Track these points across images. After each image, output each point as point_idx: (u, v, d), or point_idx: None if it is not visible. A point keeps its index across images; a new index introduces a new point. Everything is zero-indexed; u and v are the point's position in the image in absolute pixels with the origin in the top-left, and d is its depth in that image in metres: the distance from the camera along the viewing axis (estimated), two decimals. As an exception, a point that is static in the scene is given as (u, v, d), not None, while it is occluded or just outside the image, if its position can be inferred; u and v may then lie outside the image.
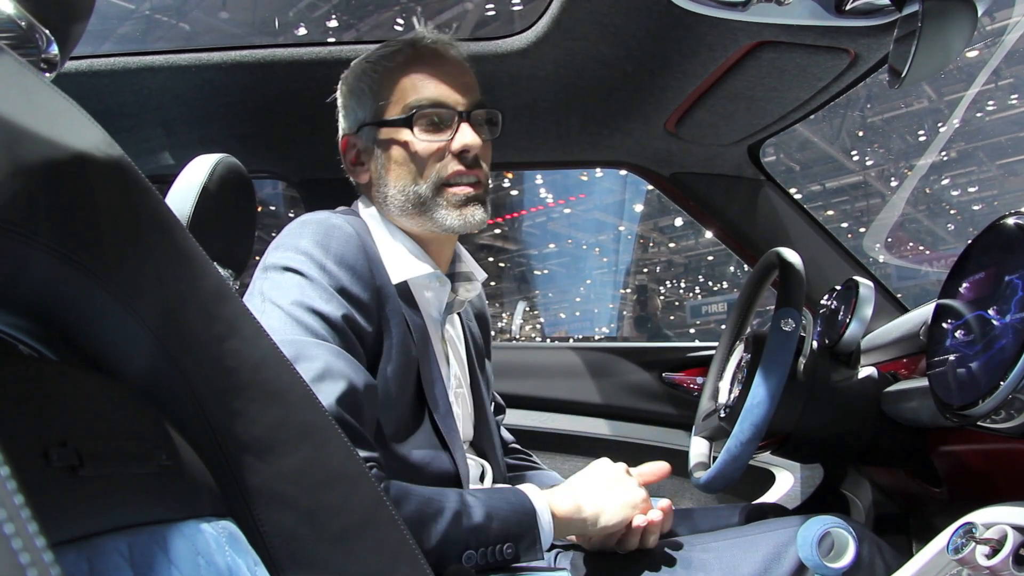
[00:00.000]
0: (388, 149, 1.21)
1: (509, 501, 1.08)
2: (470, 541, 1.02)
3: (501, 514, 1.06)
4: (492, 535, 1.04)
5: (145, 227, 0.55)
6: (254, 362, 0.61)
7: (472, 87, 1.23)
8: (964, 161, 19.99)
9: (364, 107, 1.23)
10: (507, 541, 1.05)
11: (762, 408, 1.19)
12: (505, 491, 1.12)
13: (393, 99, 1.21)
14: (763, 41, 1.43)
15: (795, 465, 2.09)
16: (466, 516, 1.02)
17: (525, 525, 1.07)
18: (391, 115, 1.20)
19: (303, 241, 1.09)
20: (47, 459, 0.40)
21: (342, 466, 0.67)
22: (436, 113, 1.19)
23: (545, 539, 1.08)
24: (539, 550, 1.07)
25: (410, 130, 1.19)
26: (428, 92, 1.19)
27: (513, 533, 1.05)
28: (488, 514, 1.04)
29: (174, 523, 0.50)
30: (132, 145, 1.93)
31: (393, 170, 1.21)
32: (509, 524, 1.05)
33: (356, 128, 1.25)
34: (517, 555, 1.05)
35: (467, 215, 1.19)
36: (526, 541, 1.06)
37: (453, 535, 1.00)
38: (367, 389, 1.02)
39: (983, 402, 0.94)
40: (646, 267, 25.45)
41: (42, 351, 0.51)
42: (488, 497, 1.08)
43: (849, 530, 1.06)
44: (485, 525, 1.03)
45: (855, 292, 1.39)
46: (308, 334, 1.00)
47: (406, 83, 1.20)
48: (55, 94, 0.52)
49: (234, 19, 15.31)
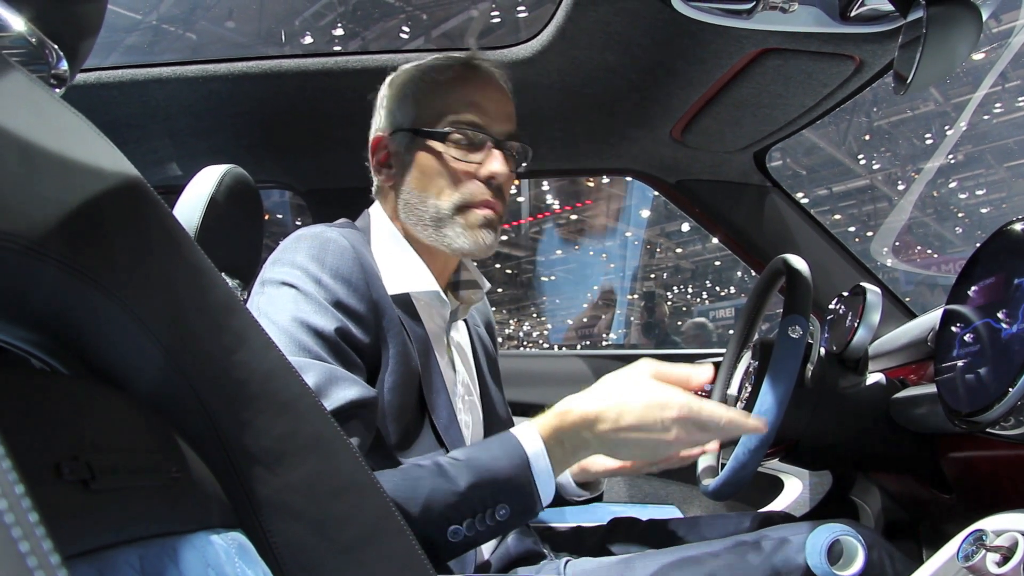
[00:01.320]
0: (418, 159, 1.21)
1: (495, 456, 0.98)
2: (452, 516, 0.94)
3: (488, 475, 0.96)
4: (479, 502, 0.95)
5: (154, 240, 0.55)
6: (263, 373, 0.61)
7: (511, 117, 1.23)
8: (971, 164, 19.92)
9: (405, 112, 1.24)
10: (498, 503, 0.96)
11: (770, 415, 1.18)
12: (493, 442, 1.02)
13: (434, 111, 1.21)
14: (768, 48, 1.43)
15: (804, 472, 2.08)
16: (445, 489, 0.94)
17: (519, 479, 0.97)
18: (429, 126, 1.20)
19: (299, 256, 1.10)
20: (59, 473, 0.40)
21: (351, 476, 0.67)
22: (472, 135, 1.19)
23: (544, 489, 0.98)
24: (537, 501, 0.98)
25: (444, 144, 1.19)
26: (469, 112, 1.19)
27: (504, 491, 0.96)
28: (471, 481, 0.95)
29: (184, 535, 0.50)
30: (140, 156, 1.94)
31: (418, 180, 1.21)
32: (498, 482, 0.96)
33: (392, 130, 1.25)
34: (511, 515, 0.97)
35: (479, 237, 1.19)
36: (522, 495, 0.97)
37: (431, 516, 0.93)
38: (365, 401, 1.02)
39: (992, 408, 0.93)
40: (653, 273, 25.42)
41: (54, 365, 0.52)
42: (472, 457, 0.99)
43: (858, 537, 1.05)
44: (469, 495, 0.94)
45: (862, 298, 1.39)
46: (304, 349, 1.01)
47: (450, 99, 1.21)
48: (65, 110, 0.52)
49: (240, 29, 15.37)
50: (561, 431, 1.00)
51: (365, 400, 1.02)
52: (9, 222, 0.43)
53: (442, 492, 0.94)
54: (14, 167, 0.44)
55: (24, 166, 0.45)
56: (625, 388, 0.99)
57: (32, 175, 0.45)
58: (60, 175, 0.48)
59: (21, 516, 0.23)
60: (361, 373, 1.07)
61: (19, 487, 0.23)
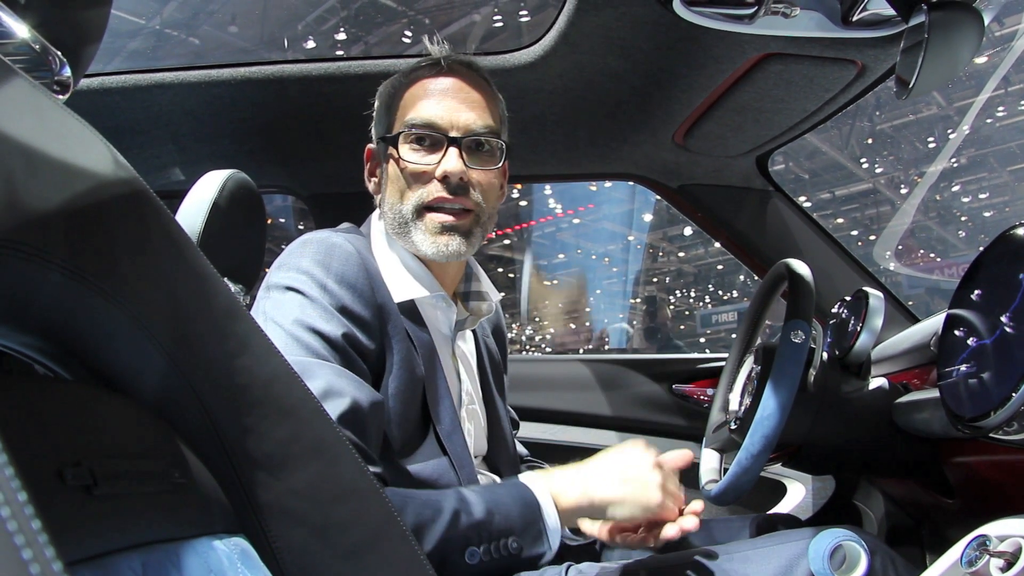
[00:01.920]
0: (387, 165, 1.22)
1: (510, 494, 1.06)
2: (471, 538, 1.00)
3: (502, 508, 1.03)
4: (494, 530, 1.01)
5: (157, 246, 0.55)
6: (265, 379, 0.61)
7: (474, 110, 1.20)
8: (974, 167, 19.89)
9: (381, 120, 1.25)
10: (510, 535, 1.02)
11: (773, 420, 1.18)
12: (506, 484, 1.10)
13: (397, 116, 1.21)
14: (770, 53, 1.43)
15: (806, 476, 2.08)
16: (465, 513, 1.00)
17: (528, 517, 1.04)
18: (392, 132, 1.21)
19: (304, 261, 1.10)
20: (62, 479, 0.40)
21: (353, 482, 0.67)
22: (425, 135, 1.18)
23: (551, 530, 1.05)
24: (545, 542, 1.05)
25: (400, 148, 1.18)
26: (424, 112, 1.18)
27: (516, 526, 1.03)
28: (488, 509, 1.02)
29: (187, 540, 0.50)
30: (143, 161, 1.95)
31: (387, 186, 1.22)
32: (511, 518, 1.03)
33: (376, 140, 1.27)
34: (522, 548, 1.03)
35: (440, 244, 1.17)
36: (530, 534, 1.04)
37: (453, 534, 0.99)
38: (371, 406, 1.02)
39: (995, 413, 0.93)
40: (655, 277, 25.41)
41: (57, 370, 0.52)
42: (488, 491, 1.06)
43: (861, 543, 1.05)
44: (486, 520, 1.01)
45: (865, 303, 1.39)
46: (309, 354, 1.01)
47: (409, 100, 1.21)
48: (68, 116, 0.52)
49: (243, 33, 15.40)
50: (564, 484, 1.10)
51: (371, 403, 1.02)
52: (13, 228, 0.43)
53: (464, 513, 1.00)
54: (18, 173, 0.44)
55: (28, 172, 0.45)
56: (615, 455, 1.13)
57: (36, 181, 0.45)
58: (64, 181, 0.48)
59: (24, 523, 0.23)
60: (366, 378, 1.07)
61: (22, 494, 0.23)
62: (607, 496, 1.07)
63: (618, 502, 1.07)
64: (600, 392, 2.29)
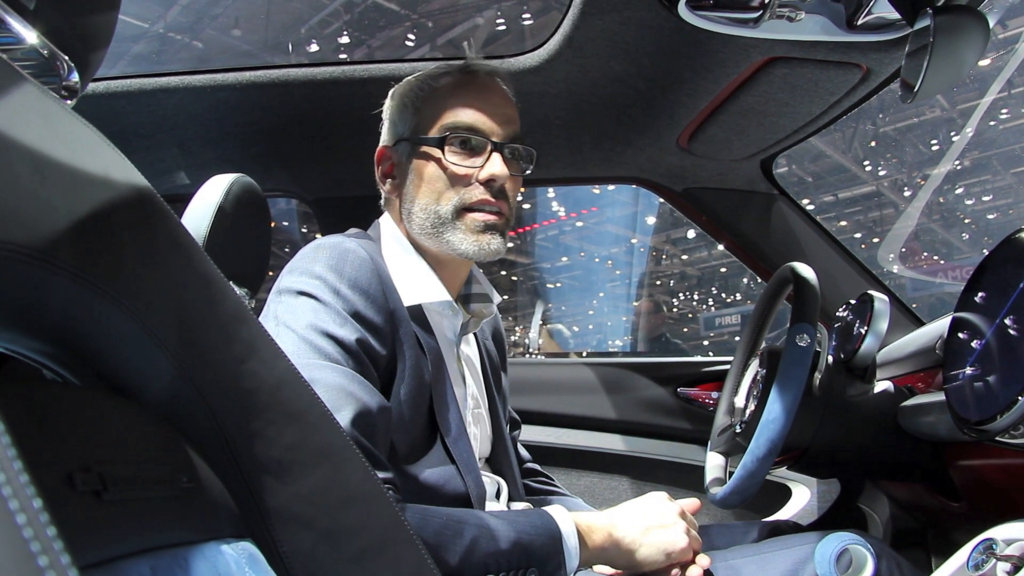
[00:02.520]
0: (419, 166, 1.22)
1: (534, 524, 1.06)
2: (490, 565, 1.00)
3: (525, 538, 1.03)
4: (515, 559, 1.01)
5: (164, 250, 0.55)
6: (273, 383, 0.61)
7: (511, 120, 1.23)
8: (978, 170, 19.87)
9: (405, 122, 1.25)
10: (530, 566, 1.02)
11: (778, 424, 1.18)
12: (531, 513, 1.10)
13: (432, 118, 1.22)
14: (775, 57, 1.43)
15: (811, 480, 2.08)
16: (486, 539, 1.00)
17: (550, 549, 1.04)
18: (427, 134, 1.21)
19: (317, 265, 1.10)
20: (71, 484, 0.40)
21: (360, 486, 0.67)
22: (470, 138, 1.20)
23: (571, 564, 1.05)
24: (563, 572, 1.05)
25: (442, 150, 1.19)
26: (466, 117, 1.20)
27: (537, 557, 1.03)
28: (510, 538, 1.02)
29: (195, 545, 0.50)
30: (148, 165, 1.95)
31: (420, 188, 1.22)
32: (533, 548, 1.03)
33: (394, 141, 1.26)
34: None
35: (483, 242, 1.19)
36: (551, 565, 1.04)
37: (472, 559, 0.98)
38: (381, 411, 1.02)
39: (1001, 417, 0.93)
40: (659, 279, 25.39)
41: (65, 376, 0.52)
42: (512, 519, 1.06)
43: (867, 546, 1.05)
44: (507, 550, 1.01)
45: (870, 306, 1.39)
46: (322, 358, 1.01)
47: (447, 104, 1.21)
48: (75, 121, 0.52)
49: (247, 37, 15.44)
50: (587, 520, 1.11)
51: (382, 408, 1.03)
52: (20, 233, 0.43)
53: (484, 540, 1.00)
54: (26, 178, 0.44)
55: (36, 177, 0.45)
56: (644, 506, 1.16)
57: (43, 186, 0.46)
58: (71, 186, 0.48)
59: (39, 530, 0.23)
60: (376, 384, 1.07)
61: (37, 501, 0.24)
62: (634, 540, 1.11)
63: (645, 546, 1.11)
64: (604, 395, 2.29)
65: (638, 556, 1.10)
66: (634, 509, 1.15)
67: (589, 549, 1.08)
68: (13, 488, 0.24)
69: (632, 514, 1.14)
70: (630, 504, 1.17)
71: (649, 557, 1.11)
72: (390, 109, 1.29)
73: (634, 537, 1.11)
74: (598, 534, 1.10)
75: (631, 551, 1.10)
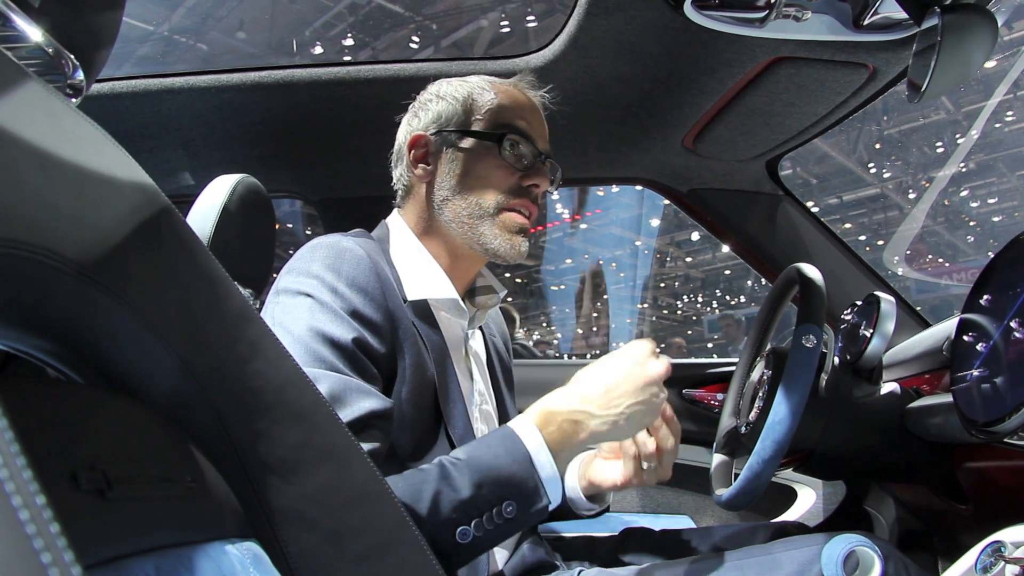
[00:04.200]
0: (468, 157, 1.24)
1: (496, 453, 0.97)
2: (459, 518, 0.93)
3: (491, 473, 0.95)
4: (483, 500, 0.94)
5: (169, 250, 0.55)
6: (278, 383, 0.61)
7: (548, 139, 1.31)
8: (983, 172, 19.86)
9: (455, 114, 1.26)
10: (504, 500, 0.95)
11: (784, 425, 1.18)
12: (493, 438, 1.01)
13: (487, 116, 1.25)
14: (781, 57, 1.43)
15: (817, 482, 2.08)
16: (449, 491, 0.93)
17: (521, 474, 0.96)
18: (482, 129, 1.24)
19: (314, 265, 1.09)
20: (76, 483, 0.40)
21: (365, 486, 0.67)
22: (525, 144, 1.24)
23: (548, 481, 0.97)
24: (544, 495, 0.97)
25: (497, 148, 1.23)
26: (521, 124, 1.25)
27: (510, 488, 0.95)
28: (475, 481, 0.94)
29: (200, 545, 0.50)
30: (153, 166, 1.96)
31: (462, 178, 1.24)
32: (501, 481, 0.95)
33: (435, 130, 1.27)
34: (518, 511, 0.95)
35: (515, 243, 1.23)
36: (526, 488, 0.96)
37: (438, 518, 0.92)
38: (382, 412, 1.02)
39: (1009, 418, 0.93)
40: (663, 282, 25.40)
41: (70, 374, 0.52)
42: (472, 455, 0.98)
43: (875, 548, 1.04)
44: (473, 495, 0.93)
45: (876, 307, 1.38)
46: (320, 358, 1.00)
47: (505, 107, 1.25)
48: (81, 120, 0.52)
49: (251, 40, 15.48)
50: (556, 416, 1.01)
51: (381, 411, 1.02)
52: (24, 231, 0.43)
53: (447, 495, 0.93)
54: (30, 176, 0.44)
55: (41, 176, 0.45)
56: (609, 364, 1.07)
57: (49, 185, 0.46)
58: (76, 185, 0.48)
59: (43, 528, 0.23)
60: (377, 383, 1.06)
61: (40, 498, 0.23)
62: (606, 430, 1.02)
63: (620, 428, 1.03)
64: None
65: (618, 431, 1.02)
66: (603, 377, 1.04)
67: (564, 450, 1.00)
68: (17, 486, 0.23)
69: (601, 384, 1.03)
70: (597, 374, 1.05)
71: (627, 434, 1.04)
72: (433, 100, 1.29)
73: (606, 428, 1.01)
74: (568, 425, 1.01)
75: (606, 429, 1.01)
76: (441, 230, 1.26)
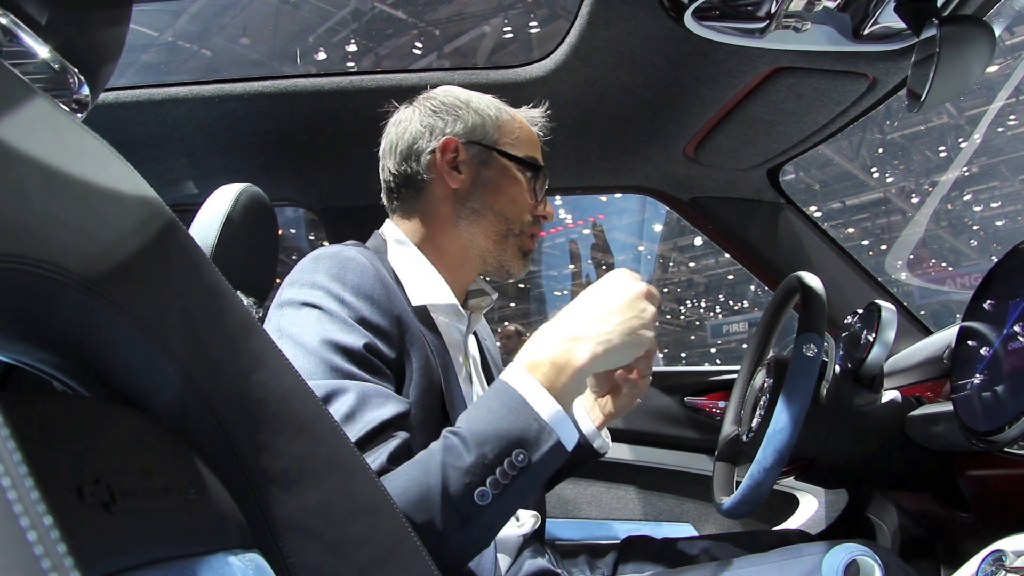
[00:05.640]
0: (502, 177, 1.28)
1: (492, 408, 0.94)
2: (473, 483, 0.90)
3: (490, 430, 0.92)
4: (492, 458, 0.91)
5: (173, 263, 0.56)
6: (281, 394, 0.62)
7: None
8: (986, 177, 19.84)
9: (487, 129, 1.28)
10: (512, 450, 0.91)
11: (785, 434, 1.18)
12: (486, 396, 0.98)
13: (515, 143, 1.29)
14: (781, 67, 1.43)
15: (819, 489, 2.07)
16: (454, 459, 0.91)
17: (522, 421, 0.92)
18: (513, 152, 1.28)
19: (318, 276, 1.09)
20: (81, 497, 0.40)
21: (367, 497, 0.67)
22: (542, 175, 1.31)
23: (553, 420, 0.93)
24: (551, 433, 0.92)
25: (527, 175, 1.29)
26: (539, 156, 1.33)
27: (513, 438, 0.91)
28: (477, 441, 0.91)
29: (203, 556, 0.50)
30: (157, 175, 1.96)
31: (496, 195, 1.27)
32: (501, 434, 0.92)
33: (469, 140, 1.27)
34: (530, 457, 0.91)
35: (524, 264, 1.32)
36: (531, 433, 0.92)
37: (453, 492, 0.90)
38: (401, 416, 1.02)
39: (1009, 428, 0.93)
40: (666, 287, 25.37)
41: (75, 387, 0.52)
42: (471, 418, 0.95)
43: (875, 557, 1.05)
44: (479, 456, 0.90)
45: (877, 315, 1.38)
46: (333, 368, 1.00)
47: (527, 140, 1.31)
48: (86, 134, 0.53)
49: (255, 46, 15.51)
50: (548, 356, 0.97)
51: (404, 412, 1.02)
52: (31, 247, 0.43)
53: (453, 463, 0.91)
54: (36, 192, 0.45)
55: (46, 191, 0.45)
56: (590, 294, 1.04)
57: (54, 199, 0.46)
58: (81, 199, 0.49)
59: (50, 547, 0.23)
60: (391, 387, 1.06)
61: (48, 518, 0.24)
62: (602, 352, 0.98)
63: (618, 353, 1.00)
64: None
65: (616, 356, 0.99)
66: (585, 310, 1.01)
67: (563, 385, 0.96)
68: (25, 507, 0.24)
69: (587, 318, 1.00)
70: (579, 308, 1.02)
71: (627, 354, 1.01)
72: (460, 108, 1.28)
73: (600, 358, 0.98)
74: (562, 359, 0.97)
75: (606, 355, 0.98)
76: (449, 236, 1.26)
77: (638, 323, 1.00)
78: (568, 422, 0.94)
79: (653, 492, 2.22)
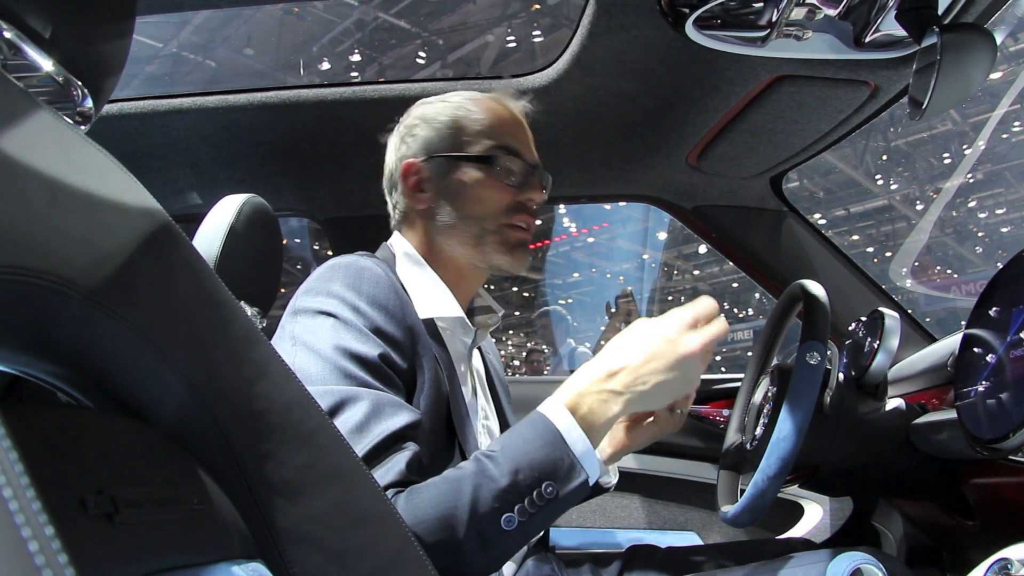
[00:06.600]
0: (461, 182, 1.25)
1: (527, 438, 0.96)
2: (502, 507, 0.91)
3: (525, 458, 0.94)
4: (523, 486, 0.92)
5: (176, 274, 0.56)
6: (283, 405, 0.62)
7: (534, 149, 1.32)
8: (991, 183, 19.79)
9: (443, 138, 1.27)
10: (542, 481, 0.93)
11: (789, 442, 1.17)
12: (524, 425, 0.99)
13: (475, 139, 1.26)
14: (783, 75, 1.44)
15: (824, 497, 2.07)
16: (488, 482, 0.92)
17: (556, 454, 0.94)
18: (472, 151, 1.25)
19: (334, 285, 1.10)
20: (84, 508, 0.41)
21: (370, 507, 0.67)
22: (515, 160, 1.26)
23: (583, 456, 0.95)
24: (581, 470, 0.95)
25: (488, 169, 1.24)
26: (509, 140, 1.27)
27: (546, 470, 0.93)
28: (511, 468, 0.93)
29: (206, 567, 0.51)
30: (161, 186, 1.97)
31: (460, 202, 1.25)
32: (535, 464, 0.93)
33: (427, 156, 1.27)
34: (558, 490, 0.93)
35: (518, 256, 1.27)
36: (563, 469, 0.94)
37: (482, 513, 0.91)
38: (414, 425, 1.02)
39: (1014, 435, 0.93)
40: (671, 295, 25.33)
41: (79, 398, 0.52)
42: (507, 445, 0.97)
43: (880, 566, 1.04)
44: (511, 482, 0.92)
45: (881, 323, 1.38)
46: (348, 376, 1.01)
47: (491, 125, 1.27)
48: (90, 147, 0.53)
49: (259, 57, 15.57)
50: (585, 394, 0.99)
51: (416, 422, 1.03)
52: (34, 258, 0.44)
53: (486, 486, 0.92)
54: (41, 204, 0.45)
55: (51, 203, 0.46)
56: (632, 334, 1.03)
57: (58, 211, 0.46)
58: (85, 212, 0.49)
59: (51, 557, 0.23)
60: (403, 397, 1.07)
61: (49, 529, 0.24)
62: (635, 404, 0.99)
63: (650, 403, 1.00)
64: None
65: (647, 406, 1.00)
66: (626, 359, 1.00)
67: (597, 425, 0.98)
68: (25, 512, 0.24)
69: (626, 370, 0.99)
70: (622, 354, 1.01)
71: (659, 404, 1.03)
72: (418, 126, 1.30)
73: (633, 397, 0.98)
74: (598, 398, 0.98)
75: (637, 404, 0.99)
76: (444, 252, 1.27)
77: (682, 385, 1.00)
78: (595, 459, 0.97)
79: (657, 500, 2.21)
